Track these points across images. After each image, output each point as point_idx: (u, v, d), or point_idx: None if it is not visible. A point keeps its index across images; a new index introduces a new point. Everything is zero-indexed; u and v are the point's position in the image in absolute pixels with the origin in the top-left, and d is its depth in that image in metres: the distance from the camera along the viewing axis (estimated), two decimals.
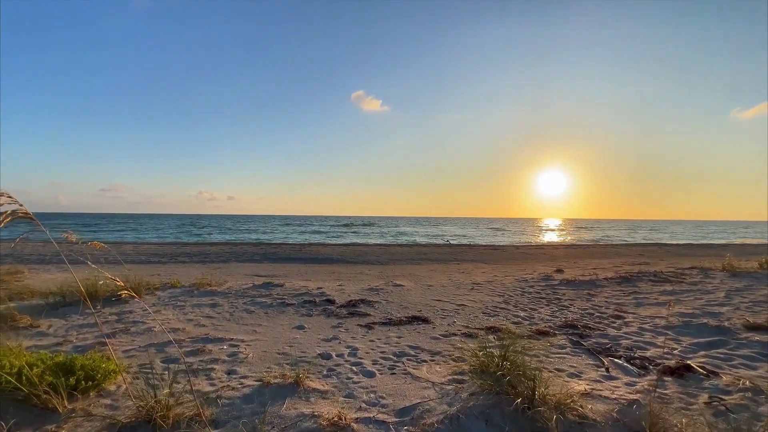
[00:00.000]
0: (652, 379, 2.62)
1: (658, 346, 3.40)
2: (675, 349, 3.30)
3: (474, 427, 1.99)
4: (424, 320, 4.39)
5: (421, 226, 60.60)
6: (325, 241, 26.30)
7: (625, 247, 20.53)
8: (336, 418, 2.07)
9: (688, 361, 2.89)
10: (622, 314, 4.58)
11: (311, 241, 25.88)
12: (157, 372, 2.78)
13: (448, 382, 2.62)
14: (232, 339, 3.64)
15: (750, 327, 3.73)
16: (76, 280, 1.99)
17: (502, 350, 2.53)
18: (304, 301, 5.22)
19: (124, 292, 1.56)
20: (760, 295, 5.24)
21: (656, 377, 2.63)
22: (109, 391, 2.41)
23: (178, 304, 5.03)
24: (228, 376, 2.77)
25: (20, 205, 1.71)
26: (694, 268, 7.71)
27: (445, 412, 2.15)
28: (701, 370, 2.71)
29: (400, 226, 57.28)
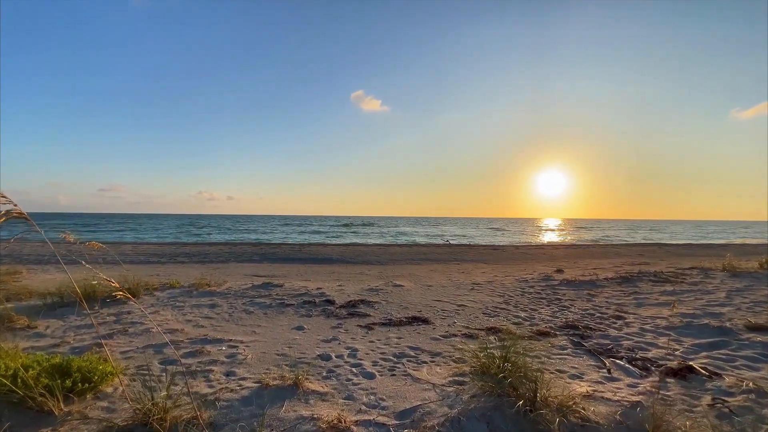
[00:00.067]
0: (655, 381, 2.60)
1: (660, 347, 3.38)
2: (677, 350, 3.28)
3: (475, 430, 1.97)
4: (424, 321, 4.37)
5: (421, 226, 60.57)
6: (325, 241, 26.27)
7: (625, 247, 20.53)
8: (336, 421, 2.05)
9: (690, 362, 2.86)
10: (623, 315, 4.56)
11: (311, 241, 25.85)
12: (154, 374, 2.75)
13: (449, 384, 2.59)
14: (231, 340, 3.62)
15: (751, 328, 3.72)
16: (72, 281, 1.96)
17: (503, 351, 2.50)
18: (304, 302, 5.20)
19: (119, 294, 1.54)
20: (761, 295, 5.23)
21: (658, 379, 2.61)
22: (106, 394, 2.38)
23: (177, 305, 5.01)
24: (226, 377, 2.75)
25: (15, 205, 1.68)
26: (694, 268, 7.70)
27: (446, 414, 2.13)
28: (704, 372, 2.69)
29: (399, 226, 57.26)
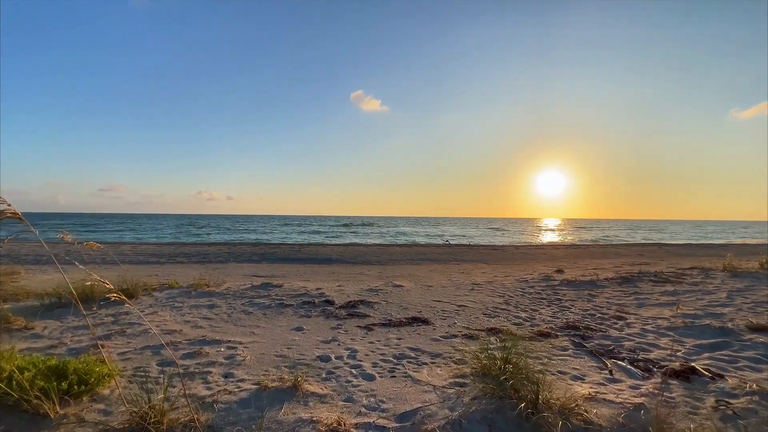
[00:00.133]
0: (657, 382, 2.57)
1: (662, 348, 3.35)
2: (678, 351, 3.25)
3: None
4: (424, 321, 4.34)
5: (421, 226, 60.55)
6: (324, 242, 26.24)
7: (625, 247, 20.52)
8: (335, 424, 2.02)
9: (693, 364, 2.84)
10: (624, 315, 4.54)
11: (310, 242, 25.82)
12: (152, 376, 2.72)
13: (450, 386, 2.56)
14: (230, 341, 3.59)
15: (753, 328, 3.69)
16: (67, 282, 1.93)
17: (504, 352, 2.48)
18: (303, 302, 5.17)
19: (113, 295, 1.51)
20: (762, 295, 5.21)
21: (661, 380, 2.59)
22: (102, 396, 2.35)
23: (176, 305, 4.97)
24: (225, 379, 2.72)
25: (8, 205, 1.65)
26: (694, 269, 7.68)
27: (447, 417, 2.10)
28: (707, 373, 2.67)
29: (399, 226, 57.23)
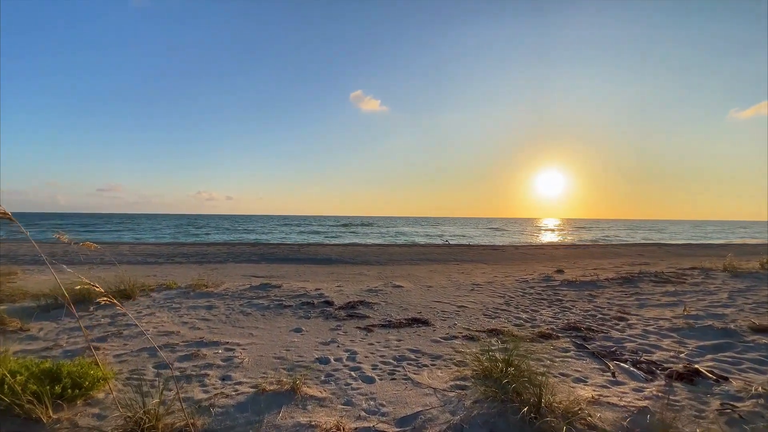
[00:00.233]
0: (661, 385, 2.54)
1: (664, 349, 3.32)
2: (681, 353, 3.22)
3: None
4: (424, 322, 4.30)
5: (420, 226, 60.52)
6: (324, 242, 26.19)
7: (625, 247, 20.50)
8: (334, 428, 1.98)
9: (697, 366, 2.81)
10: (625, 316, 4.51)
11: (310, 242, 25.76)
12: (148, 378, 2.68)
13: (451, 389, 2.53)
14: (228, 342, 3.55)
15: (756, 329, 3.66)
16: (59, 284, 1.88)
17: (505, 354, 2.44)
18: (302, 303, 5.13)
19: (102, 299, 1.47)
20: (764, 296, 5.18)
21: (665, 383, 2.55)
22: (97, 400, 2.31)
23: (174, 306, 4.93)
24: (222, 382, 2.68)
25: None
26: (695, 269, 7.65)
27: (448, 421, 2.06)
28: (711, 375, 2.63)
29: (399, 226, 57.18)
